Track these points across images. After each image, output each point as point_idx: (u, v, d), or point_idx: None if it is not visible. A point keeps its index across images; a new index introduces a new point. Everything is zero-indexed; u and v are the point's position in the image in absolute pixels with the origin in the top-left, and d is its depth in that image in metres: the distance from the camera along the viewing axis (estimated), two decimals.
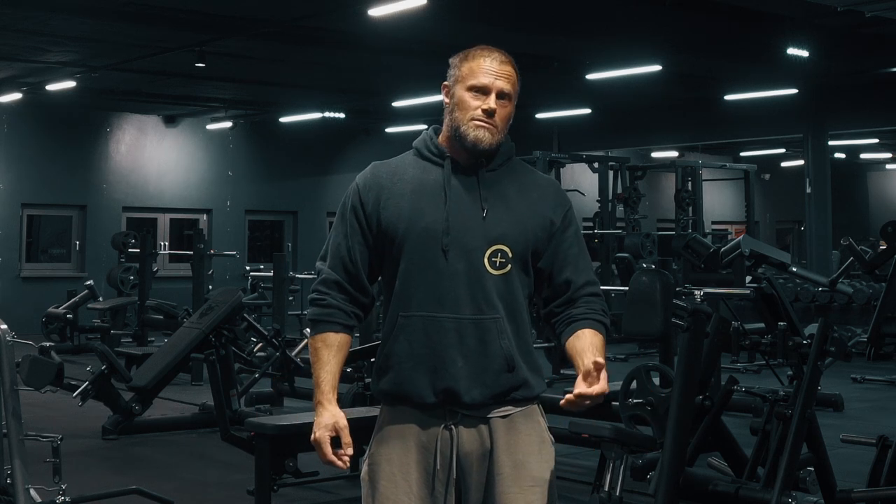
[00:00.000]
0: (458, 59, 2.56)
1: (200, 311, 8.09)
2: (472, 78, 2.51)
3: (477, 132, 2.50)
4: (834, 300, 12.68)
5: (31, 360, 5.23)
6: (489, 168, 2.55)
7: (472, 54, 2.54)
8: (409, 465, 2.50)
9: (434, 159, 2.57)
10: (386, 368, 2.53)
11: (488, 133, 2.50)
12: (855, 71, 14.24)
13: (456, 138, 2.53)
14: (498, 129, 2.51)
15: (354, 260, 2.54)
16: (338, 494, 5.83)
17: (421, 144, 2.61)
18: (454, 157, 2.55)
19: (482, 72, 2.50)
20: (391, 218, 2.51)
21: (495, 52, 2.54)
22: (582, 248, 2.61)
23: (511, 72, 2.53)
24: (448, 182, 2.52)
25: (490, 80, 2.50)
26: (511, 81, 2.52)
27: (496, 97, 2.50)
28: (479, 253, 2.47)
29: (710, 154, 22.48)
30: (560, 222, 2.56)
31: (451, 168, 2.54)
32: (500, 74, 2.51)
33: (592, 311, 2.54)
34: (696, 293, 5.44)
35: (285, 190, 18.44)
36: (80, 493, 4.79)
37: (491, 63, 2.51)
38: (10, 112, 15.86)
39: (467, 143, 2.51)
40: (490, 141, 2.51)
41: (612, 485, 4.68)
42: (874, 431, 5.10)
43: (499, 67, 2.51)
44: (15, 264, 15.97)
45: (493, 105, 2.49)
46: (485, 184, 2.53)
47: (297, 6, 10.10)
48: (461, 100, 2.51)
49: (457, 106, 2.52)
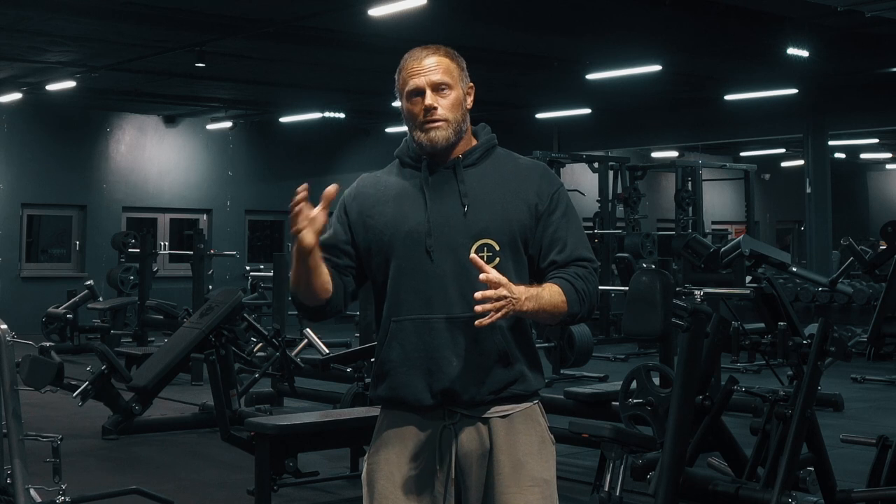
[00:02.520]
0: (397, 75, 2.57)
1: (200, 311, 8.09)
2: (405, 86, 2.53)
3: (426, 135, 2.50)
4: (834, 300, 12.69)
5: (31, 360, 5.22)
6: (468, 163, 2.55)
7: (403, 64, 2.55)
8: (409, 466, 2.50)
9: (413, 164, 2.58)
10: (382, 375, 2.53)
11: (439, 130, 2.50)
12: (855, 71, 14.25)
13: (419, 147, 2.54)
14: (448, 122, 2.51)
15: (333, 242, 2.53)
16: (338, 494, 5.83)
17: (401, 152, 2.63)
18: (431, 159, 2.55)
19: (410, 76, 2.52)
20: (377, 226, 2.53)
21: (417, 51, 2.55)
22: (572, 227, 2.54)
23: (438, 59, 2.52)
24: (426, 183, 2.53)
25: (420, 81, 2.51)
26: (441, 68, 2.51)
27: (432, 91, 2.50)
28: (465, 250, 2.46)
29: (710, 154, 22.48)
30: (546, 205, 2.54)
31: (430, 169, 2.55)
32: (427, 70, 2.51)
33: (566, 273, 2.48)
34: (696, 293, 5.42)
35: (285, 190, 18.31)
36: (80, 493, 4.78)
37: (414, 63, 2.52)
38: (10, 112, 15.86)
39: (426, 148, 2.52)
40: (444, 136, 2.50)
41: (612, 485, 4.69)
42: (874, 431, 5.10)
43: (423, 64, 2.51)
44: (15, 264, 15.97)
45: (430, 101, 2.49)
46: (464, 179, 2.53)
47: (297, 6, 10.11)
48: (407, 111, 2.54)
49: (406, 119, 2.55)
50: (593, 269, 2.54)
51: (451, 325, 2.45)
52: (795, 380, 4.61)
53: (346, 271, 2.56)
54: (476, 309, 2.30)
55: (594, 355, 10.73)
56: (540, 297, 2.39)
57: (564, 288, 2.45)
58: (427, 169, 2.54)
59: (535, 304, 2.37)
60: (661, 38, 11.63)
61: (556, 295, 2.43)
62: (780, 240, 24.87)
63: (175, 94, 15.53)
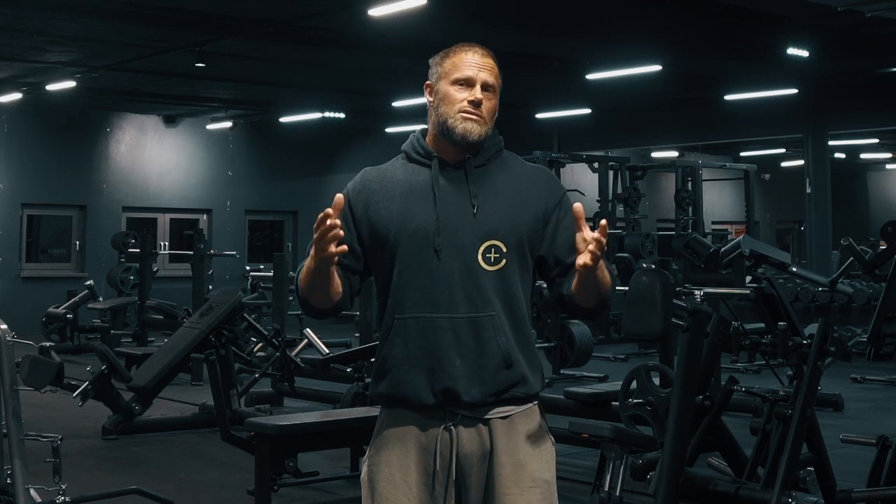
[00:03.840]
0: (439, 58, 2.57)
1: (200, 311, 8.09)
2: (455, 72, 2.51)
3: (465, 124, 2.49)
4: (834, 300, 12.68)
5: (31, 360, 5.22)
6: (478, 164, 2.55)
7: (454, 50, 2.55)
8: (409, 467, 2.49)
9: (422, 160, 2.57)
10: (383, 372, 2.53)
11: (476, 124, 2.50)
12: (855, 71, 14.24)
13: (444, 133, 2.52)
14: (485, 121, 2.51)
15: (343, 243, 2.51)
16: (338, 494, 5.83)
17: (409, 147, 2.61)
18: (442, 157, 2.55)
19: (465, 65, 2.51)
20: (382, 221, 2.51)
21: (476, 47, 2.56)
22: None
23: (493, 65, 2.54)
24: (436, 181, 2.52)
25: (474, 72, 2.51)
26: (494, 74, 2.53)
27: (481, 89, 2.51)
28: (472, 250, 2.46)
29: (710, 154, 22.48)
30: (554, 209, 2.55)
31: (440, 167, 2.54)
32: (483, 66, 2.52)
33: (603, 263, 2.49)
34: (696, 293, 5.42)
35: (285, 190, 18.44)
36: (80, 493, 4.79)
37: (473, 56, 2.53)
38: (10, 112, 15.86)
39: (456, 135, 2.50)
40: (479, 132, 2.50)
41: (612, 485, 4.68)
42: (874, 431, 5.10)
43: (481, 60, 2.53)
44: (15, 264, 15.97)
45: (480, 96, 2.50)
46: (474, 180, 2.53)
47: (297, 6, 10.10)
48: (446, 94, 2.51)
49: (442, 101, 2.52)
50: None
51: (454, 325, 2.45)
52: (795, 380, 4.61)
53: (352, 270, 2.56)
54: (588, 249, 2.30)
55: (594, 355, 10.73)
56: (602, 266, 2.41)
57: (610, 270, 2.48)
58: (437, 168, 2.54)
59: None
60: (661, 38, 11.63)
61: (607, 272, 2.45)
62: (780, 240, 24.87)
63: (175, 94, 15.52)
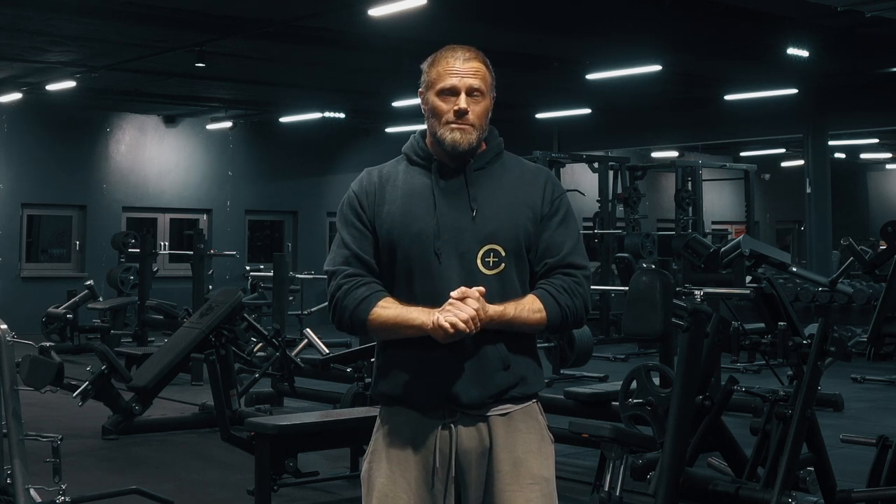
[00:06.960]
0: (426, 65, 2.57)
1: (200, 311, 8.09)
2: (440, 82, 2.52)
3: (453, 135, 2.50)
4: (834, 300, 12.68)
5: (31, 360, 5.22)
6: (477, 167, 2.56)
7: (438, 58, 2.55)
8: (409, 464, 2.50)
9: (422, 163, 2.58)
10: (384, 373, 2.55)
11: (464, 134, 2.50)
12: (855, 71, 14.24)
13: (436, 143, 2.54)
14: (475, 127, 2.51)
15: (364, 257, 2.53)
16: (338, 494, 5.83)
17: (409, 149, 2.62)
18: (441, 160, 2.55)
19: (448, 73, 2.51)
20: (385, 224, 2.52)
21: (459, 51, 2.54)
22: (569, 232, 2.56)
23: (478, 66, 2.53)
24: (436, 185, 2.53)
25: (457, 81, 2.50)
26: (479, 76, 2.52)
27: (466, 95, 2.50)
28: (472, 254, 2.48)
29: (710, 154, 22.47)
30: (547, 210, 2.55)
31: (439, 170, 2.55)
32: (467, 73, 2.51)
33: (552, 284, 2.50)
34: (696, 293, 5.42)
35: (285, 190, 18.44)
36: (80, 493, 4.79)
37: (455, 63, 2.52)
38: (10, 112, 15.86)
39: (446, 146, 2.52)
40: (468, 141, 2.51)
41: (612, 485, 4.69)
42: (874, 431, 5.10)
43: (464, 66, 2.52)
44: (15, 264, 15.97)
45: (464, 105, 2.50)
46: (473, 184, 2.53)
47: (297, 6, 10.10)
48: (433, 105, 2.53)
49: (431, 112, 2.54)
50: (584, 276, 2.55)
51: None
52: (795, 380, 4.61)
53: (377, 274, 2.55)
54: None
55: (594, 355, 10.72)
56: (505, 313, 2.44)
57: (546, 302, 2.47)
58: (437, 171, 2.54)
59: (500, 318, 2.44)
60: (661, 38, 11.62)
61: (527, 302, 2.47)
62: (780, 240, 24.86)
63: (175, 94, 15.52)
